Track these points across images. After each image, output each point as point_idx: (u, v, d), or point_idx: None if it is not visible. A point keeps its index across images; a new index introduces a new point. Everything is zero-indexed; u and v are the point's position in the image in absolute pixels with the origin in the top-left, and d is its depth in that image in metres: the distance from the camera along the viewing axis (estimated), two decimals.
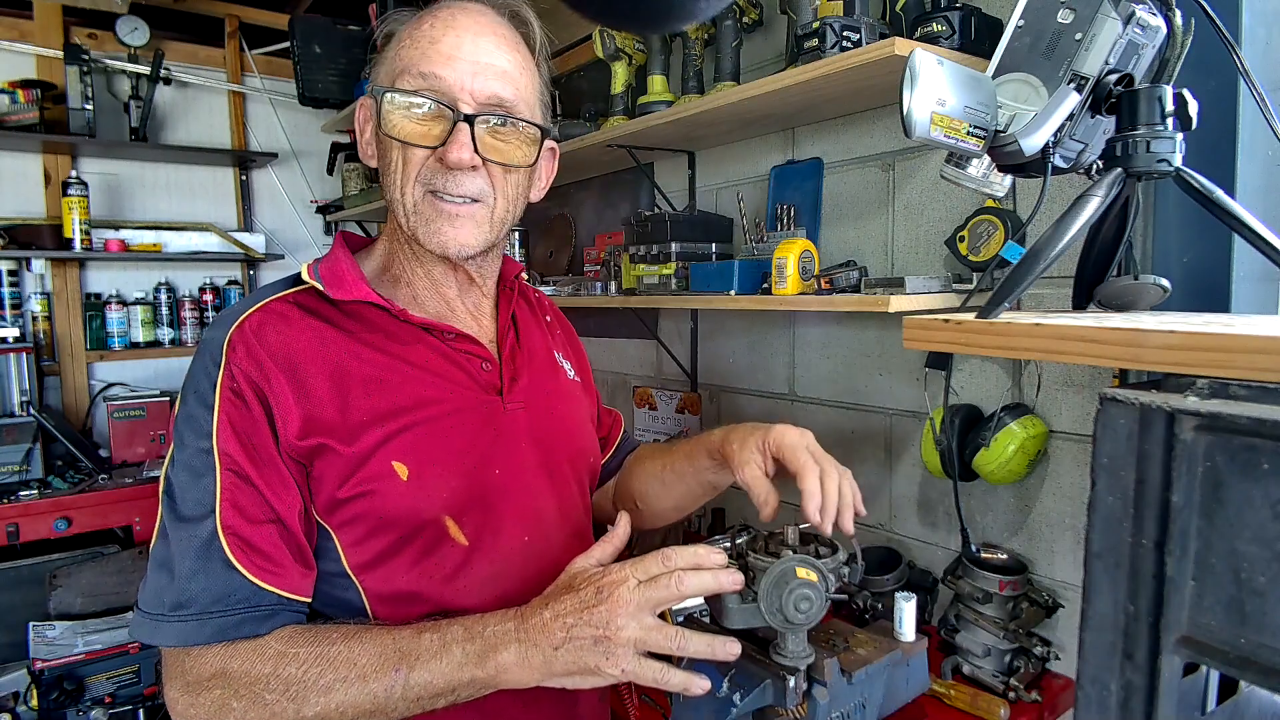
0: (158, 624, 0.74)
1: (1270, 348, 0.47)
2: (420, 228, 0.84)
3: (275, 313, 0.83)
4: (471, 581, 0.85)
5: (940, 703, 1.27)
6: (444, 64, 0.81)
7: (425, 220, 0.84)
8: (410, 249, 0.90)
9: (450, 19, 0.84)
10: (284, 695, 0.72)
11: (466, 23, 0.84)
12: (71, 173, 2.83)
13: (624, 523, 0.82)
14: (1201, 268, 1.15)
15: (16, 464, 2.50)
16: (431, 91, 0.81)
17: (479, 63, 0.83)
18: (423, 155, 0.83)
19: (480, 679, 0.72)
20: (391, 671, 0.72)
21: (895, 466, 1.67)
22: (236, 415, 0.77)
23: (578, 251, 2.62)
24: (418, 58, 0.82)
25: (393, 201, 0.86)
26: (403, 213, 0.85)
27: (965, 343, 0.68)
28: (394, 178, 0.84)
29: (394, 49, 0.86)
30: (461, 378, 0.89)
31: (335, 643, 0.74)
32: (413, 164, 0.83)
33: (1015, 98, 0.75)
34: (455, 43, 0.82)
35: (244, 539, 0.75)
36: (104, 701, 2.13)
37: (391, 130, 0.82)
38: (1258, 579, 0.45)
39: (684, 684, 0.72)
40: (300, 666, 0.72)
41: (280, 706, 0.72)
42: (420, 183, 0.83)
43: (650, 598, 0.71)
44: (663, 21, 1.00)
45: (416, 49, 0.83)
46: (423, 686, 0.72)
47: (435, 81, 0.81)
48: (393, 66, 0.85)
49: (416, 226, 0.85)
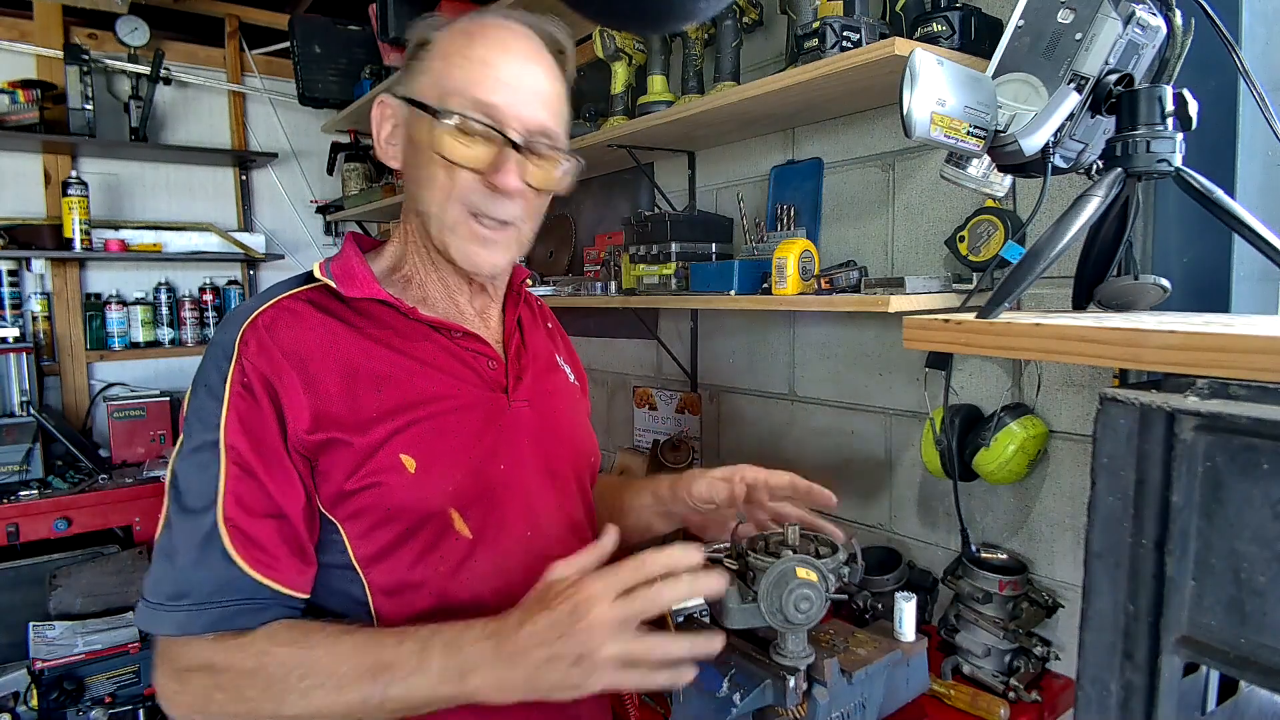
0: (156, 612, 0.76)
1: (1270, 348, 0.47)
2: (454, 245, 0.87)
3: (288, 309, 0.84)
4: (475, 574, 0.86)
5: (940, 703, 1.27)
6: (497, 90, 0.84)
7: (461, 239, 0.86)
8: (428, 255, 0.92)
9: (502, 43, 0.86)
10: (264, 694, 0.73)
11: (518, 48, 0.86)
12: (71, 173, 2.83)
13: (611, 535, 0.79)
14: (1201, 268, 1.15)
15: (16, 464, 2.50)
16: (485, 117, 0.83)
17: (529, 90, 0.85)
18: (469, 177, 0.85)
19: (460, 695, 0.72)
20: (369, 682, 0.72)
21: (895, 466, 1.67)
22: (245, 409, 0.78)
23: (578, 251, 2.62)
24: (471, 82, 0.83)
25: (426, 215, 0.87)
26: (437, 227, 0.87)
27: (965, 343, 0.68)
28: (434, 194, 0.86)
29: (438, 62, 0.86)
30: (468, 375, 0.90)
31: (317, 646, 0.74)
32: (458, 185, 0.85)
33: (1015, 98, 0.75)
34: (508, 70, 0.85)
35: (245, 532, 0.76)
36: (104, 701, 2.13)
37: (441, 150, 0.83)
38: (1258, 579, 0.46)
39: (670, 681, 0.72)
40: (281, 667, 0.73)
41: (260, 705, 0.73)
42: (462, 202, 0.85)
43: (628, 614, 0.70)
44: (663, 21, 1.01)
45: (468, 71, 0.84)
46: (400, 699, 0.72)
47: (489, 108, 0.83)
48: (440, 83, 0.85)
49: (450, 243, 0.87)
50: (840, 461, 1.78)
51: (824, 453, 1.82)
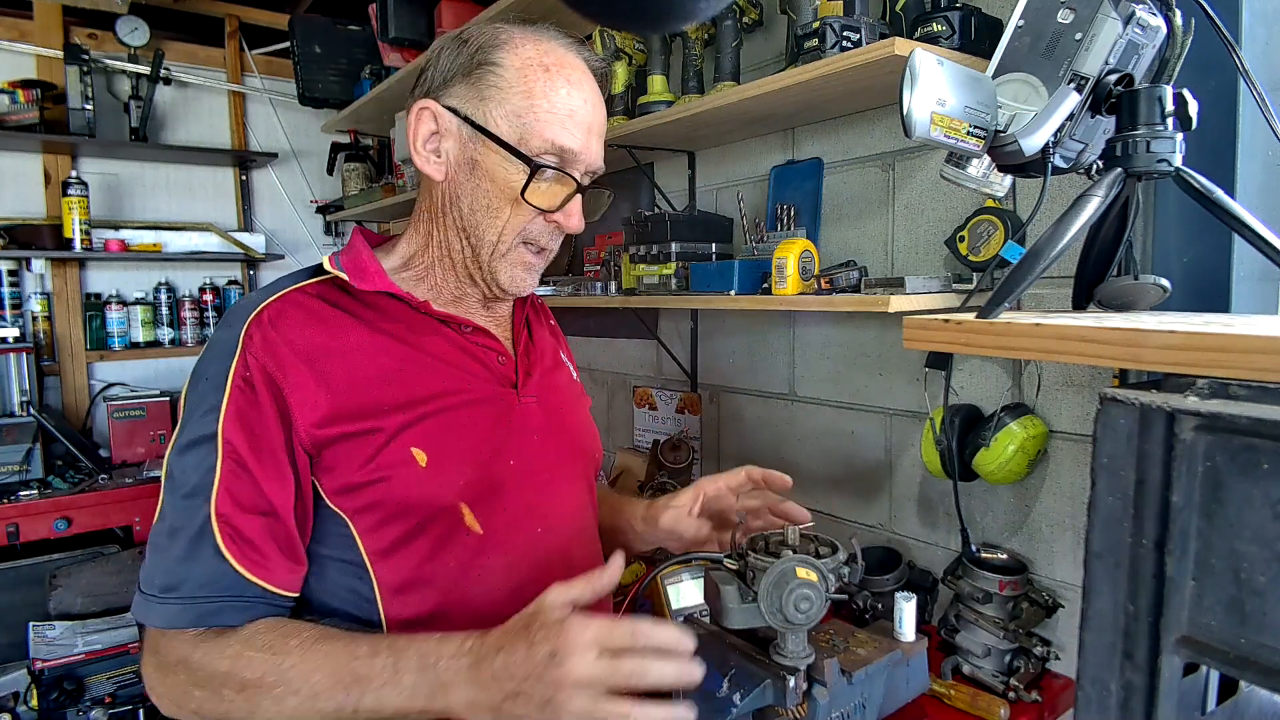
0: (150, 604, 0.76)
1: (1270, 348, 0.47)
2: (503, 271, 0.90)
3: (295, 302, 0.85)
4: (485, 571, 0.86)
5: (940, 703, 1.27)
6: (577, 137, 0.86)
7: (510, 265, 0.90)
8: (451, 261, 0.92)
9: (580, 85, 0.87)
10: (239, 695, 0.73)
11: (590, 89, 0.89)
12: (71, 173, 2.83)
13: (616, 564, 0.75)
14: (1201, 268, 1.15)
15: (16, 464, 2.50)
16: (564, 164, 0.86)
17: (597, 135, 0.89)
18: (534, 213, 0.88)
19: (430, 710, 0.71)
20: (342, 694, 0.72)
21: (895, 466, 1.67)
22: (245, 405, 0.78)
23: (578, 251, 2.62)
24: (554, 126, 0.85)
25: (477, 239, 0.89)
26: (489, 253, 0.89)
27: (965, 343, 0.68)
28: (494, 223, 0.88)
29: (518, 98, 0.85)
30: (478, 369, 0.91)
31: (292, 653, 0.74)
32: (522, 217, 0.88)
33: (1015, 98, 0.75)
34: (585, 115, 0.87)
35: (236, 528, 0.76)
36: (104, 701, 2.13)
37: (525, 194, 0.85)
38: (1258, 579, 0.45)
39: None
40: (256, 672, 0.73)
41: (235, 706, 0.73)
42: (519, 233, 0.88)
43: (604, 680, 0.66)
44: (663, 21, 1.01)
45: (553, 116, 0.85)
46: (371, 711, 0.72)
47: (570, 155, 0.86)
48: (523, 122, 0.84)
49: (499, 269, 0.90)
50: (840, 461, 1.78)
51: (824, 453, 1.82)
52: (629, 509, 1.09)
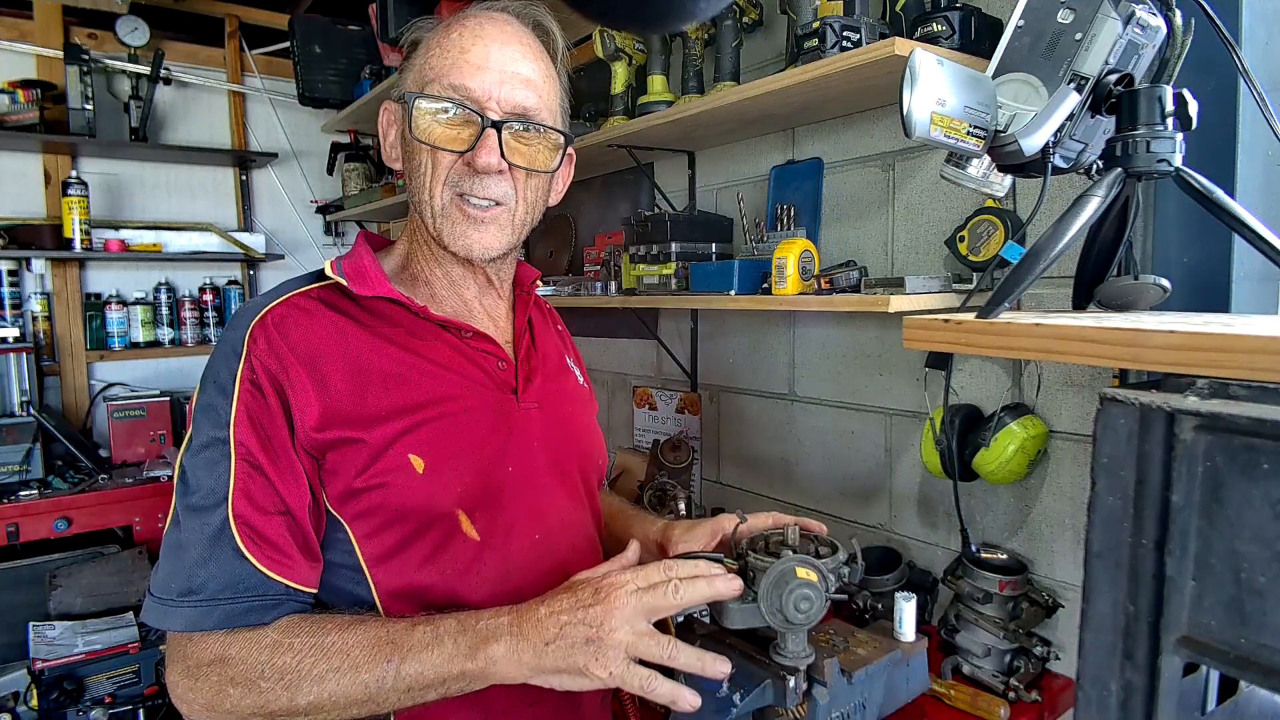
0: (167, 609, 0.76)
1: (1270, 348, 0.47)
2: (446, 230, 0.87)
3: (298, 306, 0.85)
4: (482, 577, 0.86)
5: (940, 703, 1.27)
6: (473, 73, 0.85)
7: (452, 223, 0.87)
8: (431, 250, 0.93)
9: (478, 29, 0.87)
10: (279, 684, 0.73)
11: (494, 33, 0.87)
12: (71, 173, 2.83)
13: (634, 548, 0.84)
14: (1201, 268, 1.15)
15: (16, 464, 2.50)
16: (460, 99, 0.85)
17: (505, 72, 0.86)
18: (451, 159, 0.86)
19: (470, 671, 0.73)
20: (383, 662, 0.73)
21: (895, 466, 1.67)
22: (254, 406, 0.79)
23: (578, 251, 2.62)
24: (448, 67, 0.85)
25: (420, 204, 0.89)
26: (430, 215, 0.88)
27: (965, 343, 0.68)
28: (422, 180, 0.87)
29: (422, 56, 0.89)
30: (478, 375, 0.90)
31: (330, 633, 0.75)
32: (441, 167, 0.86)
33: (1015, 98, 0.75)
34: (483, 53, 0.86)
35: (254, 529, 0.77)
36: (104, 701, 2.12)
37: (421, 135, 0.85)
38: (1258, 579, 0.45)
39: (671, 696, 0.72)
40: (295, 656, 0.74)
41: (275, 694, 0.73)
42: (448, 186, 0.87)
43: (646, 604, 0.72)
44: (663, 21, 1.01)
45: (446, 58, 0.86)
46: (413, 677, 0.73)
47: (464, 91, 0.85)
48: (421, 74, 0.87)
49: (442, 228, 0.87)
50: (840, 461, 1.78)
51: (824, 453, 1.82)
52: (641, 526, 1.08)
